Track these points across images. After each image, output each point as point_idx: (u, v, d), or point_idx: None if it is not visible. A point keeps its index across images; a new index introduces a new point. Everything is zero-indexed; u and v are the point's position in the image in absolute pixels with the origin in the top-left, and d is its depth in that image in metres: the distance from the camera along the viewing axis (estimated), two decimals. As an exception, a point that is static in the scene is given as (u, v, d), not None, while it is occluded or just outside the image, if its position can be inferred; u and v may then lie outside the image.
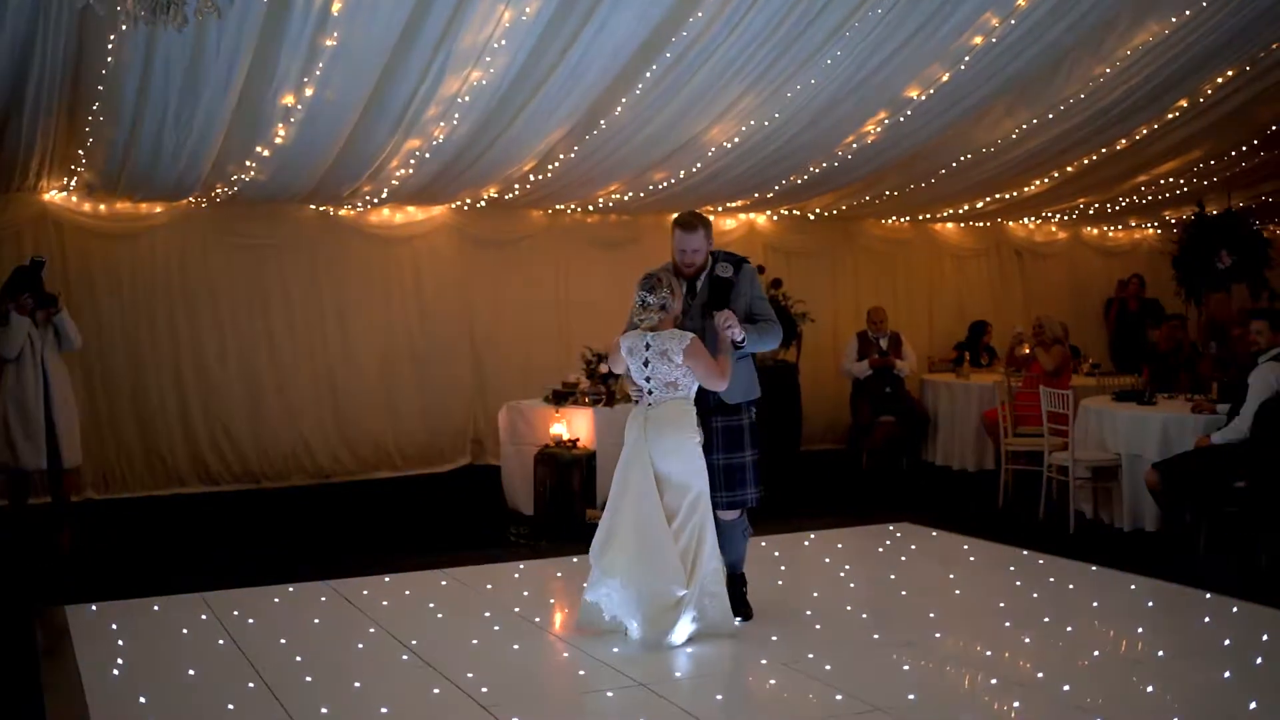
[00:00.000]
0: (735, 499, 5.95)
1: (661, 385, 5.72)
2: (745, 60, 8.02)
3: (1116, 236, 14.57)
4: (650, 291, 5.69)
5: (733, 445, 5.92)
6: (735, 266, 5.99)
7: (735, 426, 5.94)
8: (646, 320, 5.71)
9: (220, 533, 8.87)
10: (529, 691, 5.25)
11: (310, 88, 7.35)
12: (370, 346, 10.90)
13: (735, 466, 5.92)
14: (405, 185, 9.45)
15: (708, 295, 5.92)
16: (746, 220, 12.37)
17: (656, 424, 5.72)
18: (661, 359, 5.68)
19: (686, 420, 5.73)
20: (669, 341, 5.66)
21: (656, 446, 5.70)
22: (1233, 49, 9.09)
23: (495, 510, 9.50)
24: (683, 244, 5.90)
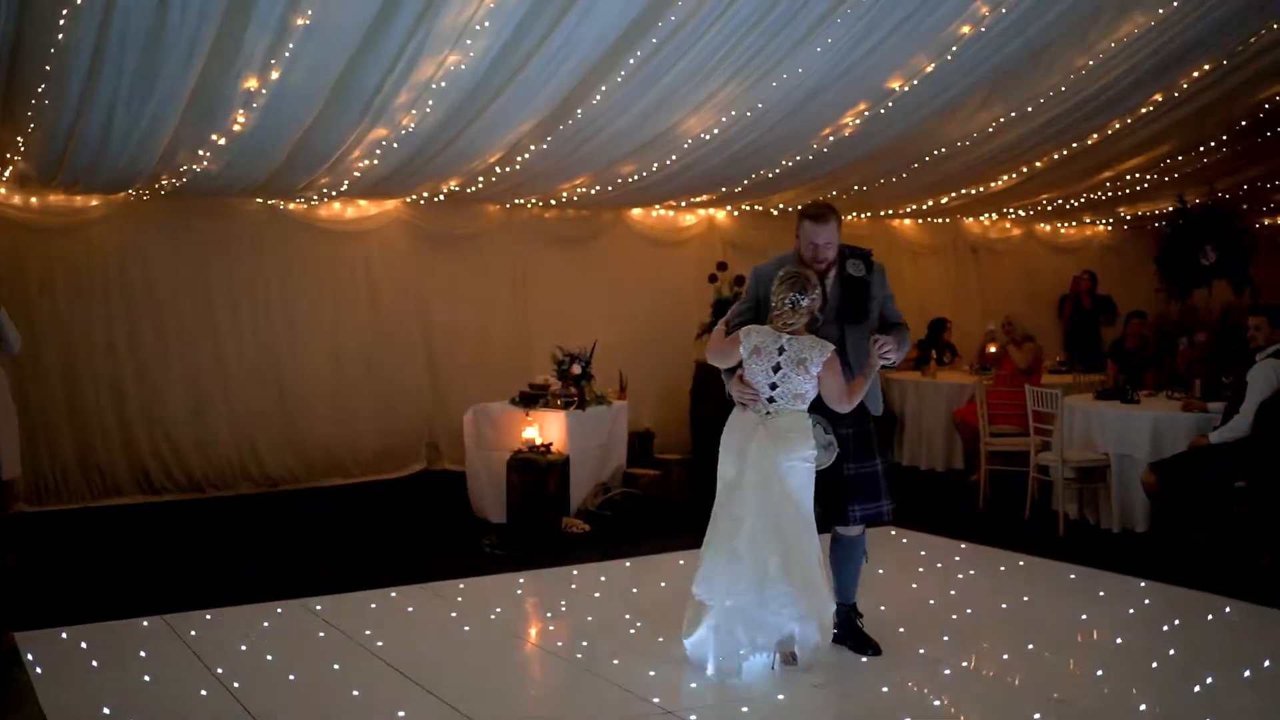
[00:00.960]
0: (870, 511, 5.46)
1: (789, 395, 5.20)
2: (731, 47, 7.68)
3: (1068, 233, 14.54)
4: (802, 292, 5.16)
5: (864, 454, 5.46)
6: (866, 264, 5.45)
7: (865, 433, 5.48)
8: (795, 324, 5.18)
9: (168, 547, 8.29)
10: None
11: (276, 70, 6.84)
12: (320, 347, 10.35)
13: (869, 475, 5.46)
14: (365, 178, 8.94)
15: (840, 298, 5.38)
16: (706, 216, 12.05)
17: (780, 437, 5.18)
18: (796, 367, 5.16)
19: (810, 434, 5.23)
20: (809, 350, 5.16)
21: (783, 461, 5.16)
22: (1212, 42, 8.98)
23: (461, 518, 9.05)
24: (814, 237, 5.33)
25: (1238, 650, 5.66)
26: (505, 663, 5.75)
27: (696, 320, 11.48)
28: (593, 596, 6.81)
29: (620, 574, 7.36)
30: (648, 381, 11.04)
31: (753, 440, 5.21)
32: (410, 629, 6.16)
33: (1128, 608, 6.47)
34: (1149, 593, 6.76)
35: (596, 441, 9.07)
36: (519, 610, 6.77)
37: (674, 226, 11.96)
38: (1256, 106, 10.29)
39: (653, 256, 11.81)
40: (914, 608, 6.43)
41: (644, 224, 11.77)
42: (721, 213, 12.08)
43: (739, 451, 5.28)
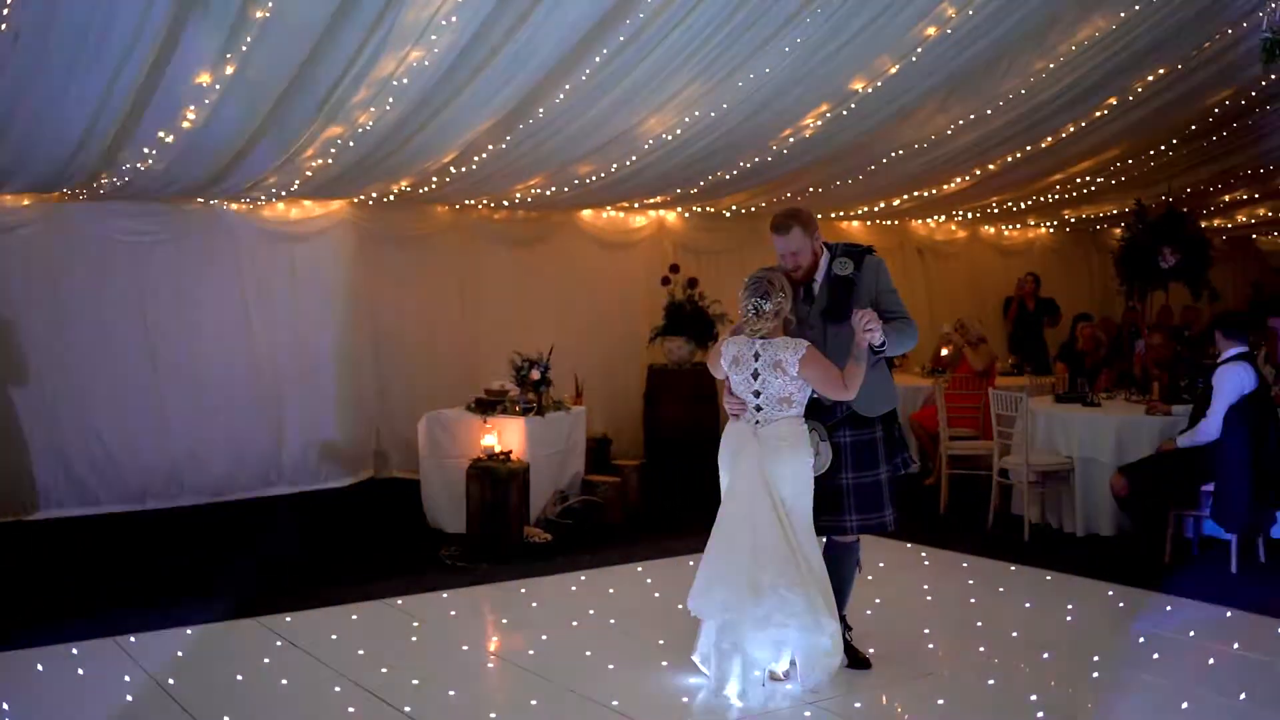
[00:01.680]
0: (869, 522, 5.26)
1: (774, 401, 5.05)
2: (699, 45, 7.53)
3: (1012, 235, 14.64)
4: (764, 298, 4.99)
5: (864, 463, 5.24)
6: (856, 261, 5.24)
7: (867, 441, 5.25)
8: (762, 329, 5.04)
9: (109, 561, 7.90)
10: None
11: (231, 65, 6.54)
12: (263, 351, 9.99)
13: (868, 485, 5.24)
14: (317, 177, 8.64)
15: (827, 300, 5.20)
16: (657, 217, 11.89)
17: (770, 445, 5.04)
18: (774, 371, 5.02)
19: (803, 441, 5.07)
20: (782, 351, 5.01)
21: (776, 470, 5.02)
22: (1168, 48, 9.02)
23: (415, 528, 8.77)
24: (779, 247, 5.21)
25: (1214, 654, 5.63)
26: (480, 681, 5.55)
27: (648, 323, 11.34)
28: (562, 609, 6.60)
29: (587, 585, 7.16)
30: (600, 386, 10.86)
31: (744, 450, 5.10)
32: (377, 647, 5.90)
33: (1107, 613, 6.43)
34: (1122, 598, 6.72)
35: (555, 448, 8.86)
36: (488, 625, 6.56)
37: (624, 228, 11.78)
38: (1205, 111, 10.38)
39: (603, 258, 11.63)
40: (897, 617, 6.32)
41: (594, 225, 11.58)
42: (672, 214, 11.94)
43: (731, 462, 5.18)
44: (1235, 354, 7.50)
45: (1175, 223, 8.51)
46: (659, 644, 5.84)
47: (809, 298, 5.27)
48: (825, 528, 5.26)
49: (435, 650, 5.88)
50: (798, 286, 5.26)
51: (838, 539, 5.39)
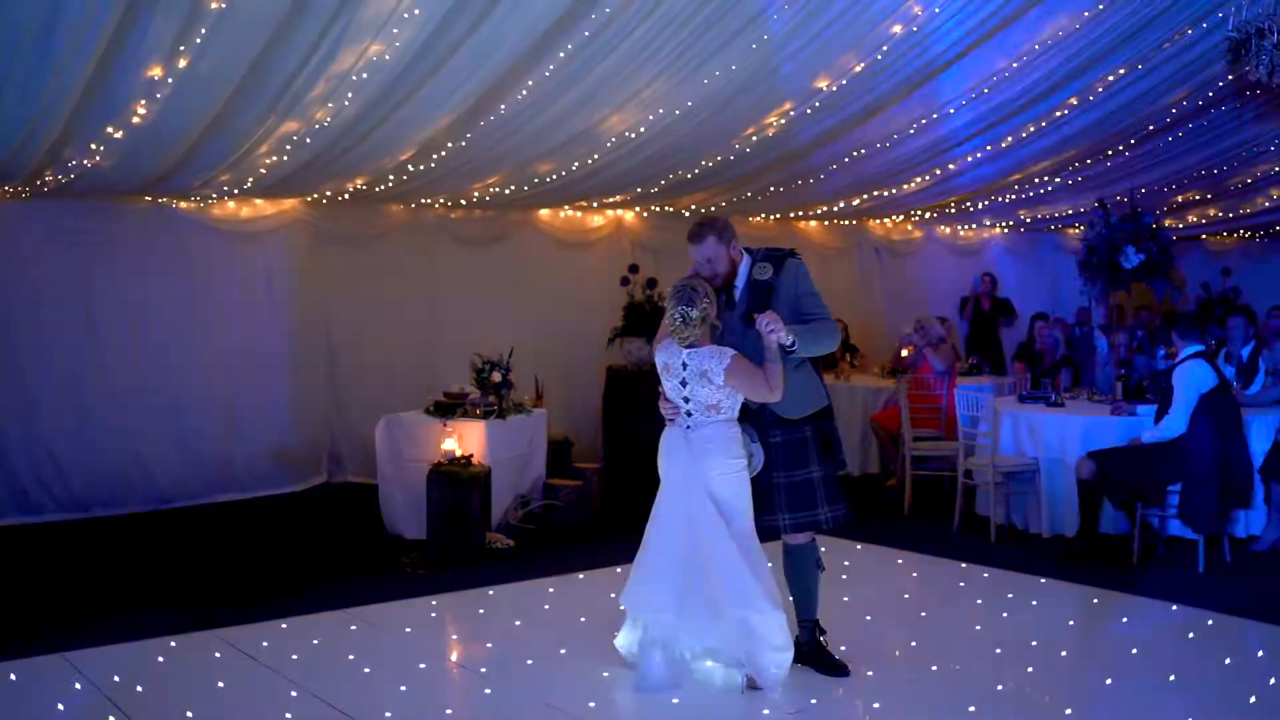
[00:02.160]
0: (801, 519, 5.28)
1: (702, 408, 5.08)
2: (664, 41, 7.39)
3: (967, 235, 14.66)
4: (690, 305, 5.00)
5: (794, 461, 5.26)
6: (776, 265, 5.26)
7: (798, 440, 5.27)
8: (690, 338, 5.03)
9: (53, 573, 7.62)
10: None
11: (184, 58, 6.31)
12: (213, 354, 9.74)
13: (799, 484, 5.26)
14: (270, 175, 8.40)
15: (747, 304, 5.22)
16: (615, 217, 11.75)
17: (702, 448, 5.08)
18: (701, 380, 5.04)
19: (734, 443, 5.10)
20: (708, 361, 5.02)
21: (708, 473, 5.06)
22: (1128, 48, 9.02)
23: (373, 534, 8.56)
24: (695, 255, 5.26)
25: (1195, 655, 5.60)
26: (447, 692, 5.38)
27: (607, 324, 11.20)
28: (530, 617, 6.45)
29: (554, 592, 7.00)
30: (559, 387, 10.70)
31: (676, 455, 5.18)
32: (339, 659, 5.70)
33: (1080, 615, 6.39)
34: (1094, 599, 6.69)
35: (516, 452, 8.70)
36: (454, 635, 6.39)
37: (582, 227, 11.63)
38: (1163, 111, 10.41)
39: (560, 258, 11.47)
40: (878, 621, 6.23)
41: (552, 225, 11.41)
42: (630, 214, 11.80)
43: (665, 465, 5.24)
44: (1193, 352, 7.52)
45: (1139, 222, 8.55)
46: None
47: (729, 303, 5.32)
48: (761, 529, 5.28)
49: (400, 661, 5.69)
50: (719, 292, 5.27)
51: (789, 541, 5.39)
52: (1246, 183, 13.31)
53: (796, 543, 5.36)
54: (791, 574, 5.42)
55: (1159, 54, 9.23)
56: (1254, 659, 5.61)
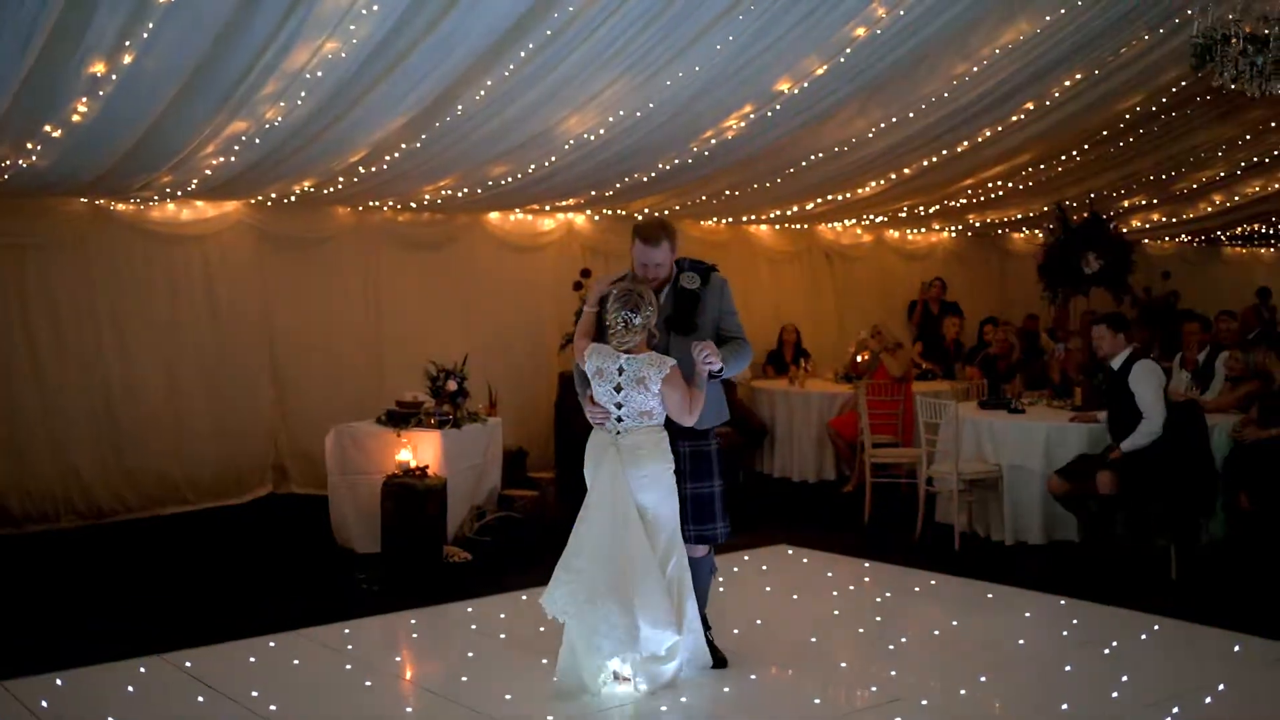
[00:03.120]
0: (705, 532, 5.43)
1: (634, 414, 5.19)
2: (627, 41, 7.20)
3: (916, 240, 14.64)
4: (635, 311, 5.08)
5: (700, 474, 5.43)
6: (703, 277, 5.42)
7: (703, 452, 5.44)
8: (629, 342, 5.09)
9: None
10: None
11: (130, 54, 5.99)
12: (152, 362, 9.36)
13: (704, 497, 5.41)
14: (216, 176, 8.08)
15: (672, 310, 5.34)
16: (565, 220, 11.54)
17: (631, 453, 5.17)
18: (637, 386, 5.11)
19: (663, 448, 5.20)
20: (647, 368, 5.08)
21: (634, 478, 5.16)
22: (1085, 53, 9.00)
23: (323, 549, 8.26)
24: (644, 257, 5.33)
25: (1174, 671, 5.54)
26: (410, 714, 5.16)
27: (559, 329, 10.99)
28: (493, 633, 6.24)
29: (516, 606, 6.78)
30: (510, 395, 10.46)
31: (604, 459, 5.22)
32: (302, 685, 5.45)
33: (1052, 625, 6.31)
34: (1070, 609, 6.61)
35: (472, 462, 8.47)
36: (416, 654, 6.15)
37: (532, 231, 11.40)
38: (1116, 117, 10.44)
39: (511, 262, 11.23)
40: (848, 634, 6.10)
41: (501, 228, 11.17)
42: (581, 217, 11.60)
43: (593, 470, 5.29)
44: (1133, 350, 7.53)
45: (1098, 227, 8.55)
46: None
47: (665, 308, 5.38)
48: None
49: (362, 685, 5.45)
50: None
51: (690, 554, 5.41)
52: (1192, 188, 13.45)
53: (697, 555, 5.45)
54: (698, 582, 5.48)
55: (1115, 60, 9.24)
56: (1242, 667, 5.54)
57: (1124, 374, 7.55)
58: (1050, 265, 8.54)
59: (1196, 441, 7.24)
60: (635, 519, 5.12)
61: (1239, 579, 7.20)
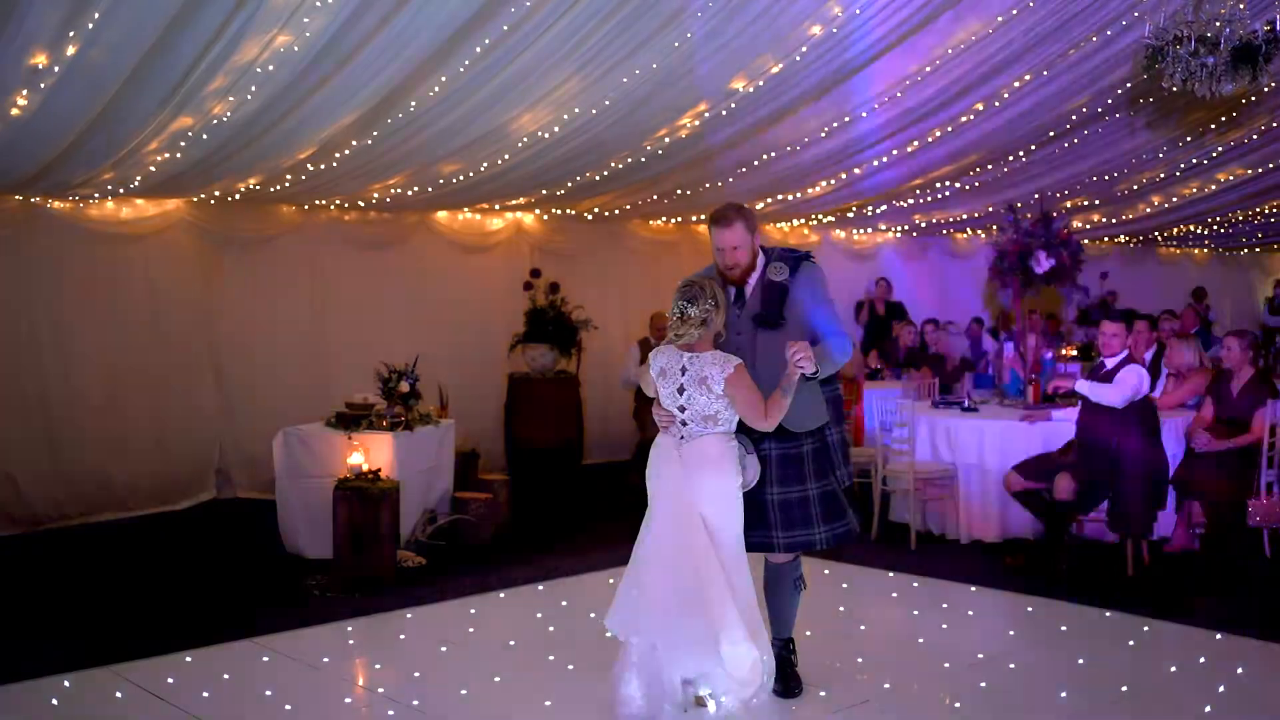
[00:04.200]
0: (795, 539, 4.96)
1: (699, 418, 4.74)
2: (583, 37, 7.13)
3: (861, 239, 14.70)
4: (691, 301, 4.65)
5: (789, 478, 4.95)
6: (792, 267, 4.93)
7: (793, 455, 4.95)
8: (685, 336, 4.69)
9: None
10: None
11: (73, 45, 5.81)
12: (91, 364, 9.12)
13: (793, 502, 4.94)
14: (159, 173, 7.87)
15: (760, 304, 4.89)
16: (514, 220, 11.42)
17: (694, 463, 4.74)
18: (699, 387, 4.70)
19: (729, 459, 4.77)
20: (709, 366, 4.68)
21: (699, 491, 4.71)
22: (1034, 53, 9.08)
23: (270, 554, 8.07)
24: (719, 240, 4.89)
25: (1132, 665, 5.57)
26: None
27: (508, 330, 10.89)
28: (450, 639, 6.10)
29: (472, 611, 6.66)
30: (459, 396, 10.28)
31: (666, 469, 4.81)
32: (259, 696, 5.28)
33: (1021, 623, 6.32)
34: (1034, 606, 6.63)
35: (424, 465, 8.31)
36: (372, 661, 6.00)
37: (480, 230, 11.28)
38: (1063, 117, 10.54)
39: (459, 262, 11.11)
40: (819, 636, 6.04)
41: (450, 228, 11.04)
42: (530, 216, 11.49)
43: (655, 478, 4.87)
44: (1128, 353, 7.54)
45: (1049, 227, 8.64)
46: (562, 669, 5.52)
47: (740, 300, 4.97)
48: (754, 544, 4.97)
49: (323, 695, 5.31)
50: (729, 289, 4.96)
51: (770, 558, 5.11)
52: (1133, 189, 13.62)
53: (778, 561, 5.11)
54: (769, 591, 5.17)
55: (1063, 61, 9.33)
56: (1197, 666, 5.58)
57: (1113, 374, 7.46)
58: (1002, 264, 8.61)
59: (1149, 440, 7.29)
60: (701, 531, 4.70)
61: (1196, 575, 7.27)
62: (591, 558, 7.71)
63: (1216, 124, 11.55)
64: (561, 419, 10.65)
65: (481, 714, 5.06)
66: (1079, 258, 8.53)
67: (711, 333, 4.75)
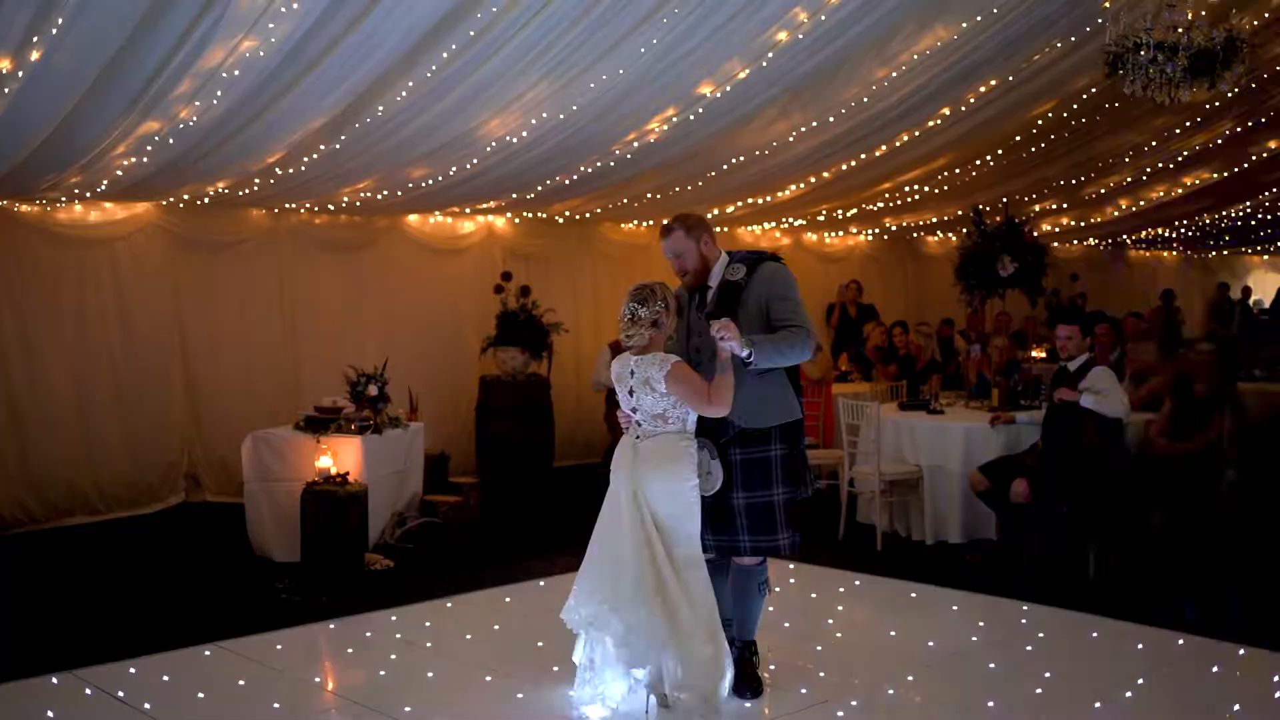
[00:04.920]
0: (760, 544, 5.01)
1: (649, 418, 4.89)
2: (551, 42, 7.16)
3: (833, 243, 14.78)
4: (642, 303, 4.83)
5: (755, 482, 4.98)
6: (750, 267, 5.02)
7: (760, 460, 4.98)
8: (635, 338, 4.85)
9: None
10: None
11: (38, 50, 5.81)
12: (59, 368, 9.10)
13: (759, 506, 4.98)
14: (126, 177, 7.87)
15: (715, 305, 5.00)
16: (485, 223, 11.45)
17: (646, 462, 4.86)
18: (645, 388, 4.84)
19: (681, 458, 4.86)
20: (650, 368, 4.83)
21: (648, 487, 4.84)
22: (1001, 59, 9.16)
23: (239, 558, 8.07)
24: (664, 250, 5.13)
25: (1094, 666, 5.64)
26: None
27: (479, 333, 10.90)
28: (419, 642, 6.12)
29: (441, 614, 6.68)
30: (430, 399, 10.33)
31: (621, 466, 4.96)
32: (222, 699, 5.29)
33: (974, 623, 6.38)
34: (992, 607, 6.70)
35: (394, 468, 8.34)
36: (339, 664, 6.01)
37: (452, 234, 11.29)
38: (1029, 123, 10.64)
39: (430, 265, 11.12)
40: (792, 637, 6.10)
41: (421, 231, 11.05)
42: (501, 220, 11.51)
43: (613, 475, 4.99)
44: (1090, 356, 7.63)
45: (1014, 231, 8.73)
46: (529, 671, 5.51)
47: (701, 304, 5.10)
48: (721, 546, 5.06)
49: (286, 698, 5.31)
50: (692, 292, 5.11)
51: (738, 561, 5.16)
52: (1100, 193, 13.76)
53: (744, 565, 5.15)
54: (735, 594, 5.19)
55: (1030, 66, 9.42)
56: (1157, 666, 5.66)
57: (1078, 376, 7.53)
58: (967, 268, 8.71)
59: (1112, 441, 7.37)
60: (652, 528, 4.81)
61: (1156, 576, 7.34)
62: (561, 560, 7.72)
63: (1181, 128, 11.68)
64: (532, 422, 10.66)
65: (447, 716, 5.08)
66: (1043, 262, 8.61)
67: (663, 335, 4.90)
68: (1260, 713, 5.05)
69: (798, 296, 5.03)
